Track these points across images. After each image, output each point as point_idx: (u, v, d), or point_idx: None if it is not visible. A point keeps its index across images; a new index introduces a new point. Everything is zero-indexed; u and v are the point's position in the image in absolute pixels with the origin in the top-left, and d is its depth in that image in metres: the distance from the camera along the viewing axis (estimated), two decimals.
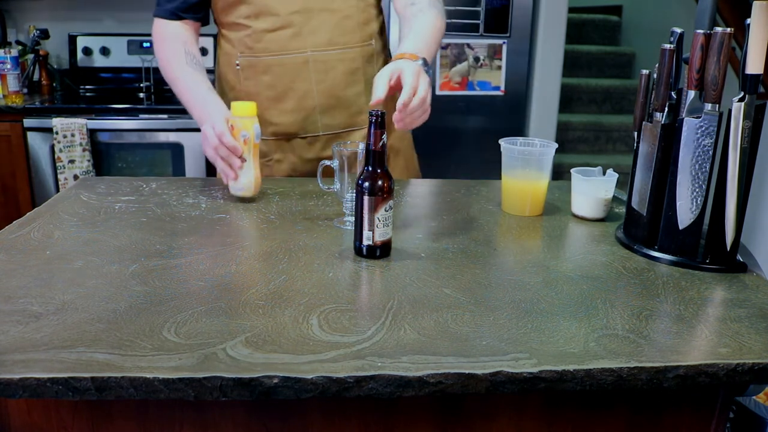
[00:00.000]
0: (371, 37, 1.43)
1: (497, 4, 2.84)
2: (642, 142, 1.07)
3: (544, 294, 0.88)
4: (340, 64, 1.39)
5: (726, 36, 0.93)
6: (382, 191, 0.96)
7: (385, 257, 1.00)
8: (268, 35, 1.36)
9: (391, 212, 0.99)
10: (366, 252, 0.99)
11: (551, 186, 1.30)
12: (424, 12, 1.35)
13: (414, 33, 1.30)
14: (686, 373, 0.72)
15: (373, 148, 0.96)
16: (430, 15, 1.34)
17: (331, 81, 1.39)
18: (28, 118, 2.54)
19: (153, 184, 1.36)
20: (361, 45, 1.40)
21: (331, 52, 1.37)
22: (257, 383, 0.67)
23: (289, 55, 1.36)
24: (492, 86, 2.94)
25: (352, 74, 1.41)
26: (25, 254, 0.96)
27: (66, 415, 0.80)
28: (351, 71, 1.41)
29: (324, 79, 1.39)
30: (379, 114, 0.94)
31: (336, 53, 1.38)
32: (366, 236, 0.98)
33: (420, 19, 1.33)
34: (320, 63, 1.38)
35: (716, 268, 0.98)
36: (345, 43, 1.38)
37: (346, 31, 1.38)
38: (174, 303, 0.82)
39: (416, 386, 0.69)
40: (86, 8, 3.08)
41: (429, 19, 1.34)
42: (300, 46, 1.36)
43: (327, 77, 1.39)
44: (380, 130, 0.95)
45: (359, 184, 0.96)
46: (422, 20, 1.33)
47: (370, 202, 0.96)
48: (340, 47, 1.38)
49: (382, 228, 0.98)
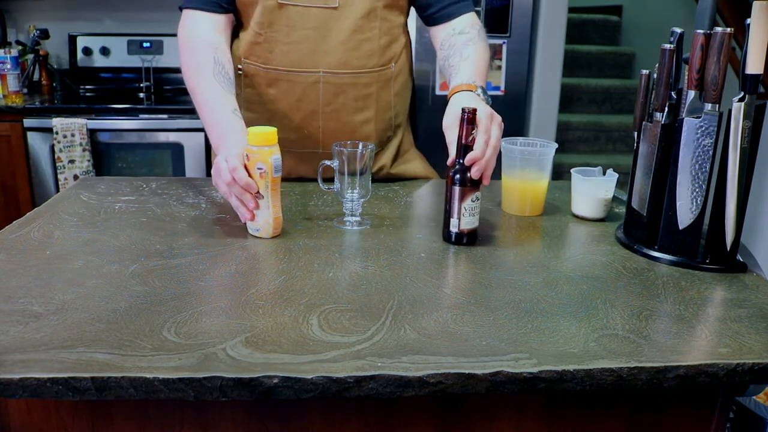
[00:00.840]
0: (391, 61, 1.36)
1: (497, 4, 2.84)
2: (642, 142, 1.07)
3: (544, 294, 0.88)
4: (352, 89, 1.32)
5: (726, 36, 0.93)
6: (470, 183, 1.03)
7: (470, 245, 1.06)
8: (281, 47, 1.29)
9: (478, 203, 1.05)
10: (454, 239, 1.06)
11: (551, 186, 1.30)
12: (475, 42, 1.30)
13: (468, 62, 1.25)
14: (686, 373, 0.72)
15: (463, 142, 1.03)
16: (480, 46, 1.30)
17: (340, 104, 1.33)
18: (28, 118, 2.55)
19: (153, 184, 1.36)
20: (378, 69, 1.33)
21: (344, 75, 1.31)
22: (257, 383, 0.67)
23: (299, 72, 1.29)
24: (492, 86, 2.94)
25: (363, 100, 1.34)
26: (25, 254, 0.96)
27: (66, 415, 0.80)
28: (363, 97, 1.34)
29: (332, 102, 1.32)
30: (471, 110, 1.01)
31: (349, 76, 1.31)
32: (453, 224, 1.05)
33: (471, 48, 1.28)
34: (331, 85, 1.31)
35: (716, 268, 0.98)
36: (361, 67, 1.31)
37: (363, 55, 1.31)
38: (174, 303, 0.82)
39: (416, 386, 0.69)
40: (86, 8, 3.08)
41: (479, 49, 1.29)
42: (312, 65, 1.29)
43: (336, 100, 1.32)
44: (471, 125, 1.02)
45: (450, 175, 1.04)
46: (473, 49, 1.28)
47: (458, 193, 1.04)
48: (354, 71, 1.31)
49: (468, 217, 1.05)
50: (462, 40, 1.30)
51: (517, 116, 3.00)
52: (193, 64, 1.22)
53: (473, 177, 1.03)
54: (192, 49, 1.24)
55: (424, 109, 2.85)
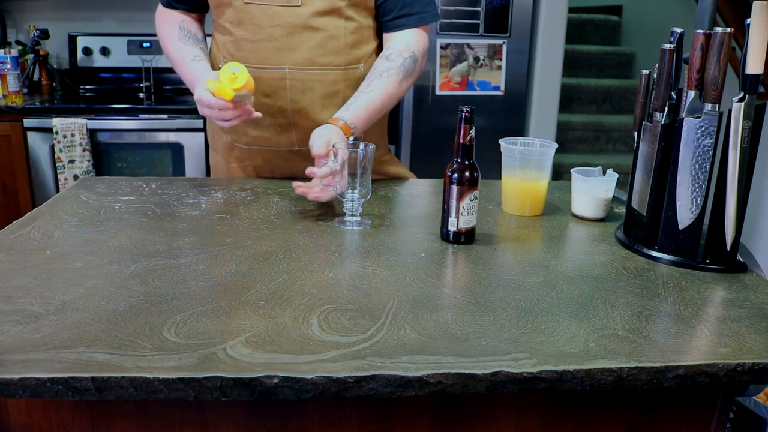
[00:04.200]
0: (360, 61, 1.37)
1: (497, 4, 2.84)
2: (642, 142, 1.07)
3: (544, 294, 0.88)
4: (319, 86, 1.35)
5: (726, 36, 0.93)
6: (468, 182, 1.03)
7: (468, 244, 1.07)
8: (249, 45, 1.32)
9: (476, 202, 1.06)
10: (452, 238, 1.07)
11: (551, 186, 1.30)
12: (390, 75, 1.31)
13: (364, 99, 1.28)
14: (686, 373, 0.72)
15: (461, 141, 1.03)
16: (391, 80, 1.31)
17: (308, 101, 1.35)
18: (28, 118, 2.54)
19: (153, 184, 1.36)
20: (345, 68, 1.35)
21: (310, 71, 1.33)
22: (257, 383, 0.67)
23: (266, 69, 1.32)
24: (492, 86, 2.94)
25: (330, 97, 1.36)
26: (25, 254, 0.96)
27: (66, 415, 0.80)
28: (329, 94, 1.35)
29: (299, 99, 1.35)
30: (469, 110, 1.01)
31: (315, 73, 1.33)
32: (451, 223, 1.06)
33: (380, 82, 1.30)
34: (297, 81, 1.33)
35: (716, 268, 0.98)
36: (326, 64, 1.33)
37: (328, 52, 1.32)
38: (174, 303, 0.82)
39: (416, 386, 0.69)
40: (86, 8, 3.08)
41: (387, 86, 1.31)
42: (278, 62, 1.32)
43: (303, 97, 1.35)
44: (468, 125, 1.02)
45: (448, 174, 1.04)
46: (380, 84, 1.30)
47: (456, 192, 1.04)
48: (319, 67, 1.33)
49: (467, 216, 1.05)
50: (380, 68, 1.33)
51: (517, 116, 3.00)
52: (165, 34, 1.43)
53: (298, 191, 1.10)
54: (161, 24, 1.44)
55: (424, 109, 2.85)
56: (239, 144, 1.43)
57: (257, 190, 1.35)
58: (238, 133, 1.41)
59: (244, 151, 1.44)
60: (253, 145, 1.42)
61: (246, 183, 1.40)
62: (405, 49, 1.35)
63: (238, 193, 1.32)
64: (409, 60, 1.35)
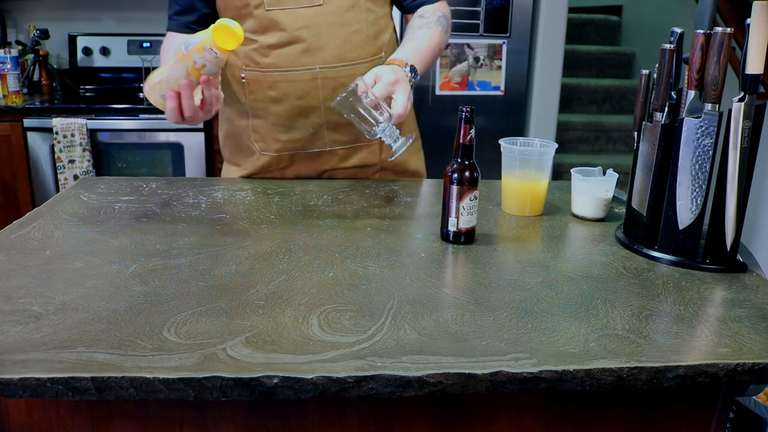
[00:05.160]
0: (381, 50, 1.40)
1: (497, 4, 2.84)
2: (642, 142, 1.07)
3: (544, 294, 0.88)
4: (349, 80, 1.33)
5: (726, 36, 0.93)
6: (468, 182, 1.03)
7: (468, 244, 1.06)
8: (276, 50, 1.33)
9: (476, 202, 1.05)
10: (452, 238, 1.06)
11: (551, 186, 1.30)
12: (429, 27, 1.36)
13: (412, 42, 1.32)
14: (686, 373, 0.72)
15: (461, 141, 1.03)
16: (433, 30, 1.36)
17: None
18: (28, 118, 2.55)
19: (153, 184, 1.36)
20: (370, 59, 1.37)
21: (341, 68, 1.35)
22: (257, 383, 0.67)
23: (297, 72, 1.34)
24: (492, 86, 2.94)
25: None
26: (25, 254, 0.96)
27: (66, 415, 0.80)
28: None
29: (332, 96, 1.34)
30: (469, 110, 1.01)
31: (346, 69, 1.35)
32: (451, 223, 1.05)
33: (422, 31, 1.35)
34: (329, 80, 1.35)
35: (716, 268, 0.98)
36: (355, 59, 1.35)
37: (356, 47, 1.35)
38: (174, 303, 0.82)
39: (416, 386, 0.69)
40: (86, 8, 3.08)
41: (430, 33, 1.35)
42: (308, 63, 1.33)
43: (335, 94, 1.33)
44: (468, 125, 1.02)
45: (448, 174, 1.04)
46: (424, 33, 1.35)
47: (456, 192, 1.04)
48: (349, 63, 1.35)
49: (467, 216, 1.05)
50: (418, 23, 1.38)
51: (517, 116, 3.01)
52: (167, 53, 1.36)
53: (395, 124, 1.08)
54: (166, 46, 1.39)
55: (424, 109, 2.85)
56: (268, 152, 1.42)
57: (257, 190, 1.35)
58: (267, 141, 1.41)
59: (273, 159, 1.43)
60: (284, 151, 1.42)
61: (246, 183, 1.40)
62: (435, 11, 1.41)
63: (238, 193, 1.32)
64: (443, 18, 1.40)
